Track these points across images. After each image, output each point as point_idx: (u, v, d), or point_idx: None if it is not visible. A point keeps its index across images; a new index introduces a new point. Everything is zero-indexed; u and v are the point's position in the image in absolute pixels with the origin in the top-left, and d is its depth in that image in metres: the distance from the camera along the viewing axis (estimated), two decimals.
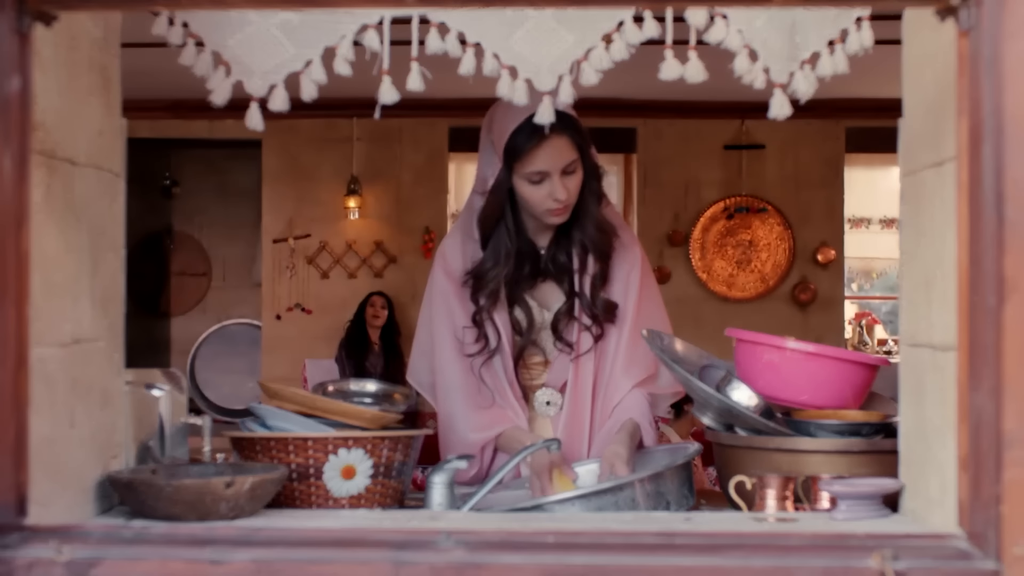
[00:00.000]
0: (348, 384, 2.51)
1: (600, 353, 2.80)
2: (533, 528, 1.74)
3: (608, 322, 2.79)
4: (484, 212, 2.76)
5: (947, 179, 1.79)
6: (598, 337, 2.79)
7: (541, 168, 2.66)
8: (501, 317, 2.77)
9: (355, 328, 8.71)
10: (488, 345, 2.76)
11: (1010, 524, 1.57)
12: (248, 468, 2.12)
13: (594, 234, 2.76)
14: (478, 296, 2.77)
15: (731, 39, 1.88)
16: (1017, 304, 1.57)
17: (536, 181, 2.67)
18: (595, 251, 2.77)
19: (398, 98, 1.84)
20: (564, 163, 2.66)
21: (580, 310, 2.79)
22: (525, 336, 2.81)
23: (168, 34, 1.93)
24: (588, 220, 2.76)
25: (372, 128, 8.87)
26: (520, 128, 2.64)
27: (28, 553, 1.62)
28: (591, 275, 2.78)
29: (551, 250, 2.81)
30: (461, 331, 2.78)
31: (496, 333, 2.76)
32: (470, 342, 2.77)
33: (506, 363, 2.77)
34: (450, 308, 2.81)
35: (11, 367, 1.62)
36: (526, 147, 2.65)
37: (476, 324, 2.77)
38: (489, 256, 2.77)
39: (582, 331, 2.78)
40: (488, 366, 2.77)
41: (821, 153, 8.99)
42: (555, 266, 2.81)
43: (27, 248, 1.67)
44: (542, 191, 2.68)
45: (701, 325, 8.63)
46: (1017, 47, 1.58)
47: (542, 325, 2.82)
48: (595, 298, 2.78)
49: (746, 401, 2.43)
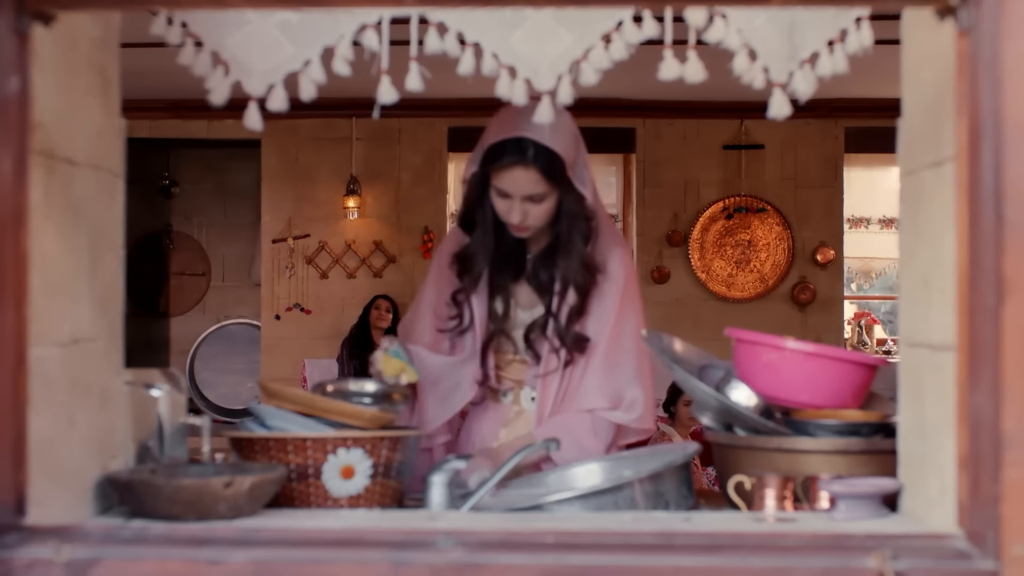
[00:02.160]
0: (347, 384, 2.51)
1: (567, 377, 2.86)
2: (532, 528, 1.74)
3: (577, 351, 2.84)
4: (463, 198, 2.88)
5: (946, 179, 1.79)
6: (567, 363, 2.84)
7: (503, 187, 2.73)
8: (479, 300, 2.87)
9: (359, 330, 8.72)
10: (462, 323, 2.87)
11: (1009, 524, 1.57)
12: (247, 468, 2.12)
13: (577, 271, 2.81)
14: (462, 277, 2.88)
15: (730, 39, 1.88)
16: (1016, 304, 1.57)
17: (501, 195, 2.75)
18: (576, 287, 2.82)
19: (397, 98, 1.84)
20: (527, 192, 2.72)
21: (552, 331, 2.83)
22: (498, 324, 2.88)
23: (167, 34, 1.93)
24: (573, 257, 2.81)
25: (371, 128, 8.87)
26: (498, 144, 2.71)
27: (27, 553, 1.62)
28: (568, 306, 2.83)
29: (536, 263, 2.87)
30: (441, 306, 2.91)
31: (471, 314, 2.87)
32: (445, 317, 2.90)
33: (476, 344, 2.87)
34: (438, 282, 2.95)
35: (10, 367, 1.62)
36: (496, 164, 2.72)
37: (455, 303, 2.88)
38: (473, 242, 2.87)
39: (551, 351, 2.84)
40: (459, 341, 2.89)
41: (820, 153, 8.99)
42: (536, 281, 2.87)
43: (26, 248, 1.67)
44: (502, 206, 2.76)
45: (700, 325, 8.64)
46: (1016, 47, 1.58)
47: (516, 322, 2.89)
48: (568, 329, 2.83)
49: (745, 401, 2.43)
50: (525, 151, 2.67)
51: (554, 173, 2.70)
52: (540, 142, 2.67)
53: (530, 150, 2.67)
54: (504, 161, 2.69)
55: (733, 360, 2.56)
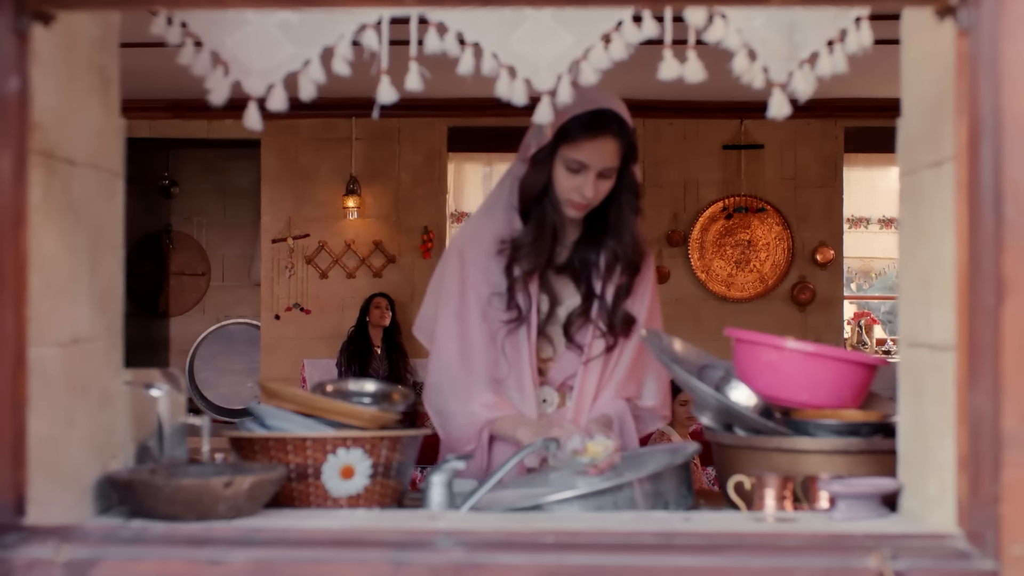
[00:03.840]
0: (347, 384, 2.51)
1: (608, 362, 2.83)
2: (532, 528, 1.74)
3: (623, 335, 2.81)
4: (526, 180, 2.77)
5: (946, 179, 1.79)
6: (611, 347, 2.81)
7: (582, 159, 2.69)
8: (534, 290, 2.78)
9: (357, 332, 8.69)
10: (521, 314, 2.76)
11: (1009, 524, 1.57)
12: (247, 468, 2.12)
13: (630, 247, 2.79)
14: (514, 265, 2.76)
15: (730, 39, 1.88)
16: (1016, 304, 1.57)
17: (574, 170, 2.70)
18: (626, 264, 2.80)
19: (397, 98, 1.84)
20: (604, 165, 2.70)
21: (598, 315, 2.80)
22: (543, 321, 2.82)
23: (166, 34, 1.93)
24: (626, 232, 2.79)
25: (371, 128, 8.87)
26: (581, 116, 2.68)
27: (27, 553, 1.62)
28: (616, 285, 2.81)
29: (579, 247, 2.82)
30: (487, 300, 2.77)
31: (528, 302, 2.77)
32: (500, 309, 2.77)
33: (531, 336, 2.78)
34: (476, 278, 2.79)
35: (10, 367, 1.62)
36: (579, 135, 2.68)
37: (510, 293, 2.76)
38: (533, 227, 2.77)
39: (596, 336, 2.81)
40: (512, 337, 2.77)
41: (820, 153, 8.99)
42: (580, 263, 2.82)
43: (26, 248, 1.67)
44: (574, 181, 2.71)
45: (700, 325, 8.64)
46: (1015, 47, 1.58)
47: (555, 318, 2.84)
48: (616, 309, 2.80)
49: (745, 401, 2.43)
50: (610, 123, 2.68)
51: (630, 148, 2.73)
52: (623, 116, 2.69)
53: (614, 123, 2.69)
54: (589, 132, 2.67)
55: (733, 360, 2.56)
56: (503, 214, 2.81)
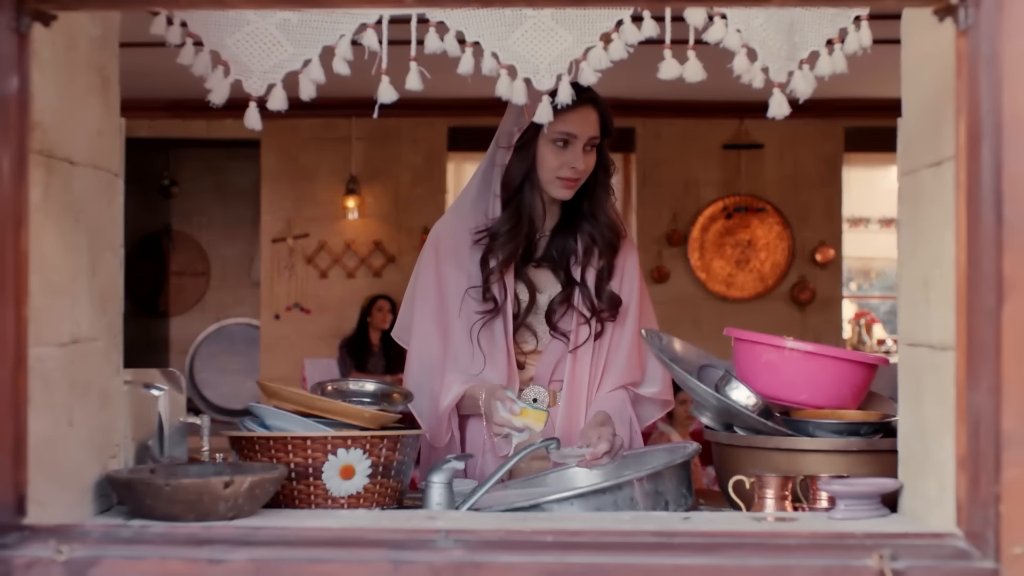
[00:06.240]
0: (347, 384, 2.51)
1: (598, 349, 2.79)
2: (532, 528, 1.74)
3: (609, 318, 2.78)
4: (511, 167, 2.73)
5: (946, 179, 1.79)
6: (598, 334, 2.78)
7: (571, 130, 2.68)
8: (509, 281, 2.75)
9: (358, 332, 8.71)
10: (497, 305, 2.72)
11: (1009, 524, 1.57)
12: (247, 468, 2.12)
13: (606, 227, 2.77)
14: (490, 256, 2.73)
15: (730, 39, 1.88)
16: (1015, 304, 1.57)
17: (561, 145, 2.69)
18: (604, 244, 2.78)
19: (397, 98, 1.84)
20: (589, 135, 2.71)
21: (580, 301, 2.78)
22: (523, 313, 2.77)
23: (167, 34, 1.93)
24: (600, 212, 2.78)
25: (371, 128, 8.87)
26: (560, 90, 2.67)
27: (27, 552, 1.62)
28: (596, 268, 2.78)
29: (556, 237, 2.80)
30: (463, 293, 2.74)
31: (503, 294, 2.73)
32: (476, 300, 2.73)
33: (507, 327, 2.74)
34: (451, 272, 2.77)
35: (10, 367, 1.62)
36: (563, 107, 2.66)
37: (485, 284, 2.72)
38: (510, 214, 2.73)
39: (581, 323, 2.77)
40: (487, 329, 2.73)
41: (820, 153, 8.99)
42: (558, 253, 2.79)
43: (26, 248, 1.67)
44: (564, 156, 2.69)
45: (700, 325, 8.63)
46: (1015, 46, 1.58)
47: (536, 308, 2.79)
48: (600, 291, 2.77)
49: (745, 401, 2.43)
50: (588, 93, 2.65)
51: (605, 120, 2.74)
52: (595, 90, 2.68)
53: (590, 93, 2.68)
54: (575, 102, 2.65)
55: (733, 360, 2.56)
56: (476, 206, 2.79)
